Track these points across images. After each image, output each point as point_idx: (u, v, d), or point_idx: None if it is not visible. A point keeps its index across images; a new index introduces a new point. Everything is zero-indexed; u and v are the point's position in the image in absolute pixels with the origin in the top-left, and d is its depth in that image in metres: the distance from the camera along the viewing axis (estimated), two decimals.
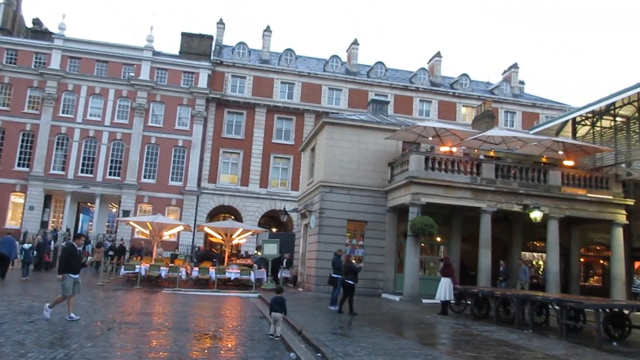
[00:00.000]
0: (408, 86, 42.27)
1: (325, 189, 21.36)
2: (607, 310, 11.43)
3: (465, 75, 44.31)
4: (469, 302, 15.86)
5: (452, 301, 15.68)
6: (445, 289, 15.35)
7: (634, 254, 23.40)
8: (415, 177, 18.92)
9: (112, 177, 37.43)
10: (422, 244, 21.01)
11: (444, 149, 21.68)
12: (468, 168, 19.90)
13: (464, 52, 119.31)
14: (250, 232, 27.91)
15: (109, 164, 37.59)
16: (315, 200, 22.12)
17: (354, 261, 17.32)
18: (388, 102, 32.61)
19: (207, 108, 38.80)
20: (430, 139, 21.84)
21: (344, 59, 44.00)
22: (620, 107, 21.38)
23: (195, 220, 36.10)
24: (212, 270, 21.56)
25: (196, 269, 22.15)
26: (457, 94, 43.07)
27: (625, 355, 9.74)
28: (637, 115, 20.87)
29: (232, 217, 38.69)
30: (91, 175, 37.17)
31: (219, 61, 39.77)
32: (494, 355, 8.93)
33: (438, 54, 45.27)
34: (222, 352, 8.75)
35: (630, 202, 21.03)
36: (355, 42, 43.84)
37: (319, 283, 20.16)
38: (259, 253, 24.52)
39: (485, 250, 19.23)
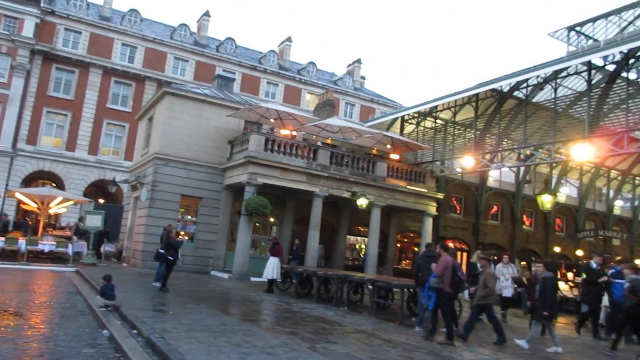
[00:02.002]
0: (257, 66, 42.23)
1: (160, 162, 20.49)
2: (410, 290, 12.80)
3: (312, 63, 45.66)
4: (295, 281, 16.57)
5: (278, 280, 16.23)
6: (272, 267, 15.82)
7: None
8: (254, 157, 19.08)
9: None
10: (256, 224, 21.41)
11: (284, 132, 22.21)
12: (305, 153, 20.66)
13: (314, 40, 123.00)
14: (72, 202, 25.63)
15: None
16: (149, 172, 21.11)
17: (180, 237, 17.02)
18: (234, 80, 32.35)
19: (31, 61, 34.29)
20: (273, 121, 22.19)
21: (194, 29, 42.37)
22: (441, 111, 23.98)
23: (6, 185, 31.92)
24: (21, 241, 19.38)
25: (1, 239, 19.72)
26: (303, 81, 44.20)
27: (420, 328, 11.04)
28: (452, 119, 23.56)
29: (54, 184, 35.03)
30: None
31: (49, 10, 35.39)
32: (310, 330, 9.47)
33: (289, 39, 45.88)
34: (24, 330, 7.97)
35: (440, 195, 23.94)
36: (207, 14, 42.40)
37: (146, 259, 19.35)
38: (82, 224, 22.65)
39: (315, 233, 20.22)
